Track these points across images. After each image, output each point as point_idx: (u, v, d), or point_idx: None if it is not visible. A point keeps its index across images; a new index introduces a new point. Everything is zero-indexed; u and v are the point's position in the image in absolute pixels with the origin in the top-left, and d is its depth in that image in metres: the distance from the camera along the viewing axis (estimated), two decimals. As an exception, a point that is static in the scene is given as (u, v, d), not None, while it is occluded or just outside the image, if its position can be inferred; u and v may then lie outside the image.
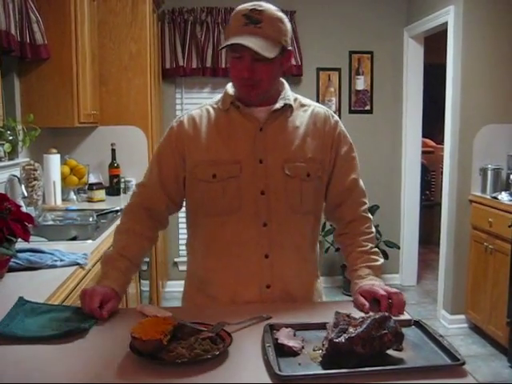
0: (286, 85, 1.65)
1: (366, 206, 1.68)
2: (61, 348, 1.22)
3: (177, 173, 1.61)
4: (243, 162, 1.54)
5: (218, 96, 1.65)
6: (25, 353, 1.20)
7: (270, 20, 1.46)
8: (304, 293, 1.64)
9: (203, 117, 1.61)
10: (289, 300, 1.59)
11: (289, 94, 1.61)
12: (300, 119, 1.61)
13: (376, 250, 1.63)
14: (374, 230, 1.68)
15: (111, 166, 3.90)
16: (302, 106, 1.64)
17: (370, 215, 1.69)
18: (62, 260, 1.98)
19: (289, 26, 1.53)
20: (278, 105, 1.57)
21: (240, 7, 1.49)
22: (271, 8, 1.49)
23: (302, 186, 1.57)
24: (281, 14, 1.50)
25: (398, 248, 4.98)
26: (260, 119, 1.56)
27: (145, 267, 3.45)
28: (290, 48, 1.54)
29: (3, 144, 2.91)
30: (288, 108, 1.59)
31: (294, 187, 1.56)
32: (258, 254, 1.57)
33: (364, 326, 1.14)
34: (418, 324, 1.34)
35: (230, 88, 1.61)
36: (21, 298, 1.48)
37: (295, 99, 1.64)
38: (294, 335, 1.25)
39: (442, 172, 4.37)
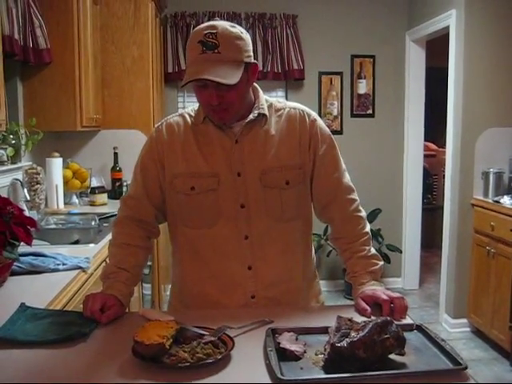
0: (260, 92, 1.61)
1: (355, 204, 1.64)
2: (63, 352, 1.23)
3: (160, 182, 1.60)
4: (221, 175, 1.54)
5: (195, 106, 1.62)
6: (26, 357, 1.21)
7: (227, 41, 1.41)
8: (293, 298, 1.62)
9: (181, 125, 1.59)
10: (276, 306, 1.57)
11: (263, 103, 1.58)
12: (275, 126, 1.58)
13: (374, 252, 1.61)
14: (368, 228, 1.65)
15: (113, 169, 3.91)
16: (277, 110, 1.61)
17: (362, 213, 1.65)
18: (64, 264, 1.99)
19: (247, 39, 1.48)
20: (252, 115, 1.54)
21: (195, 31, 1.45)
22: (225, 27, 1.43)
23: (281, 195, 1.55)
24: (237, 30, 1.45)
25: (400, 252, 4.98)
26: (235, 131, 1.55)
27: (147, 271, 3.45)
28: (254, 61, 1.50)
29: (6, 148, 2.91)
30: (262, 117, 1.57)
31: (274, 197, 1.55)
32: (241, 266, 1.56)
33: (366, 330, 1.14)
34: (420, 328, 1.34)
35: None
36: (22, 304, 1.48)
37: (270, 105, 1.60)
38: (296, 339, 1.25)
39: (443, 176, 4.38)
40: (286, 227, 1.59)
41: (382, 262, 1.61)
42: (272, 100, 1.63)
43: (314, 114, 1.64)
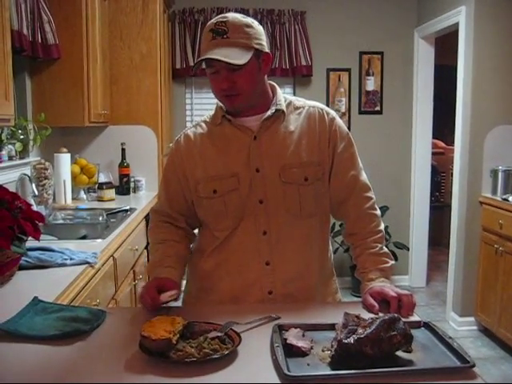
0: (278, 89, 1.63)
1: (371, 202, 1.65)
2: (69, 346, 1.23)
3: (184, 194, 1.63)
4: (240, 173, 1.55)
5: (211, 112, 1.66)
6: (32, 351, 1.21)
7: (236, 28, 1.46)
8: (309, 294, 1.62)
9: (197, 134, 1.62)
10: (292, 303, 1.58)
11: (280, 99, 1.60)
12: (294, 123, 1.59)
13: (386, 250, 1.62)
14: (382, 227, 1.65)
15: (121, 165, 3.92)
16: (297, 108, 1.62)
17: (377, 211, 1.66)
18: (71, 259, 1.99)
19: (259, 29, 1.52)
20: (270, 112, 1.56)
21: (208, 23, 1.51)
22: (236, 16, 1.49)
23: (299, 192, 1.56)
24: (247, 20, 1.50)
25: (408, 249, 4.96)
26: (253, 128, 1.56)
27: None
28: (266, 51, 1.53)
29: (14, 143, 2.93)
30: (280, 114, 1.58)
31: (292, 193, 1.56)
32: (259, 262, 1.57)
33: (373, 327, 1.14)
34: (428, 326, 1.33)
35: (220, 103, 1.62)
36: (35, 298, 1.49)
37: (289, 103, 1.62)
38: (303, 336, 1.25)
39: (452, 173, 4.35)
40: (304, 223, 1.59)
41: (393, 261, 1.61)
42: (291, 98, 1.65)
43: (333, 112, 1.65)
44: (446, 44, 4.95)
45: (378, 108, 4.98)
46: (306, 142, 1.57)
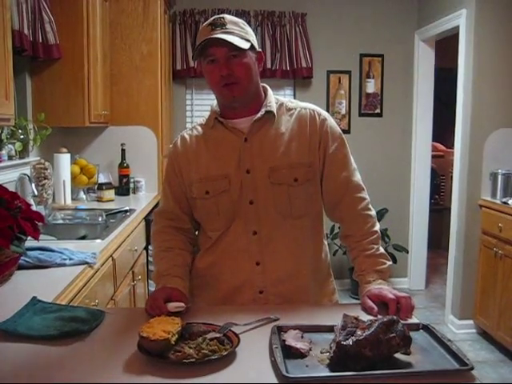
0: (270, 91, 1.65)
1: (365, 203, 1.64)
2: (69, 346, 1.23)
3: (185, 193, 1.66)
4: (231, 174, 1.57)
5: (206, 115, 1.68)
6: (31, 350, 1.21)
7: (233, 22, 1.54)
8: (302, 295, 1.62)
9: (193, 136, 1.66)
10: (285, 303, 1.59)
11: (271, 101, 1.61)
12: (285, 125, 1.60)
13: (382, 251, 1.61)
14: (378, 227, 1.64)
15: (121, 165, 3.92)
16: (289, 110, 1.64)
17: (371, 212, 1.65)
18: (71, 259, 1.99)
19: (252, 31, 1.59)
20: (260, 113, 1.58)
21: (204, 24, 1.57)
22: (231, 16, 1.58)
23: (289, 192, 1.57)
24: (242, 20, 1.59)
25: (407, 252, 4.96)
26: (244, 130, 1.58)
27: (152, 267, 3.46)
28: (259, 50, 1.59)
29: (14, 143, 2.93)
30: (271, 116, 1.59)
31: (282, 194, 1.57)
32: (249, 262, 1.59)
33: (372, 329, 1.14)
34: (427, 328, 1.33)
35: (214, 106, 1.65)
36: (34, 298, 1.49)
37: (281, 105, 1.63)
38: (302, 337, 1.25)
39: (451, 177, 4.35)
40: (295, 224, 1.60)
41: (390, 262, 1.60)
42: (284, 100, 1.66)
43: (325, 113, 1.66)
44: (446, 47, 4.96)
45: (378, 110, 4.98)
46: (297, 144, 1.58)
